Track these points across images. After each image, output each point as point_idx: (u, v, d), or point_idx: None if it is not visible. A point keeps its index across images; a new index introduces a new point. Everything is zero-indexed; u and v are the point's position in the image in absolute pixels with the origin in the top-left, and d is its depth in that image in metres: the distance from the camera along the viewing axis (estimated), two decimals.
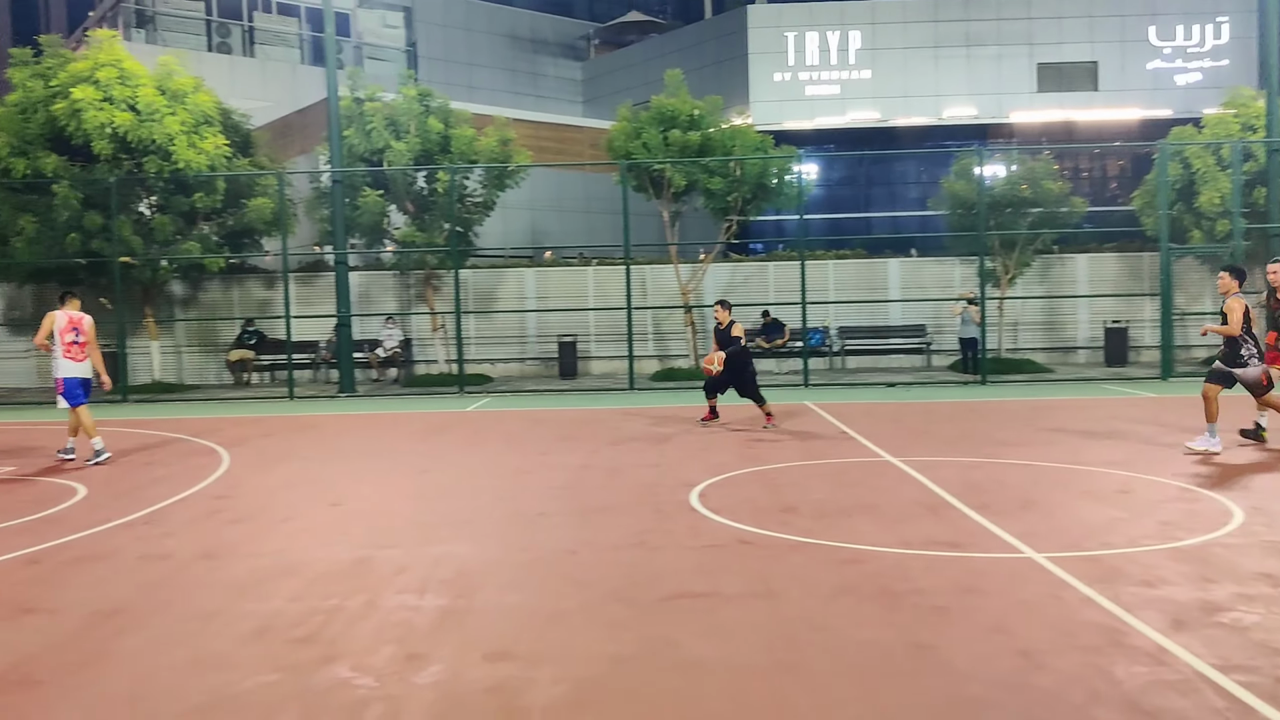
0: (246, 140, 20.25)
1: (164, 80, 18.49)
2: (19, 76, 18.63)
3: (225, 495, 8.64)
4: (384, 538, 6.90)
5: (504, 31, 38.32)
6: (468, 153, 18.77)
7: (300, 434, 12.96)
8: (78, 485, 9.23)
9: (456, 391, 17.99)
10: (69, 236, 18.11)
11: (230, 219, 19.64)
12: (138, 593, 5.71)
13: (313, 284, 20.90)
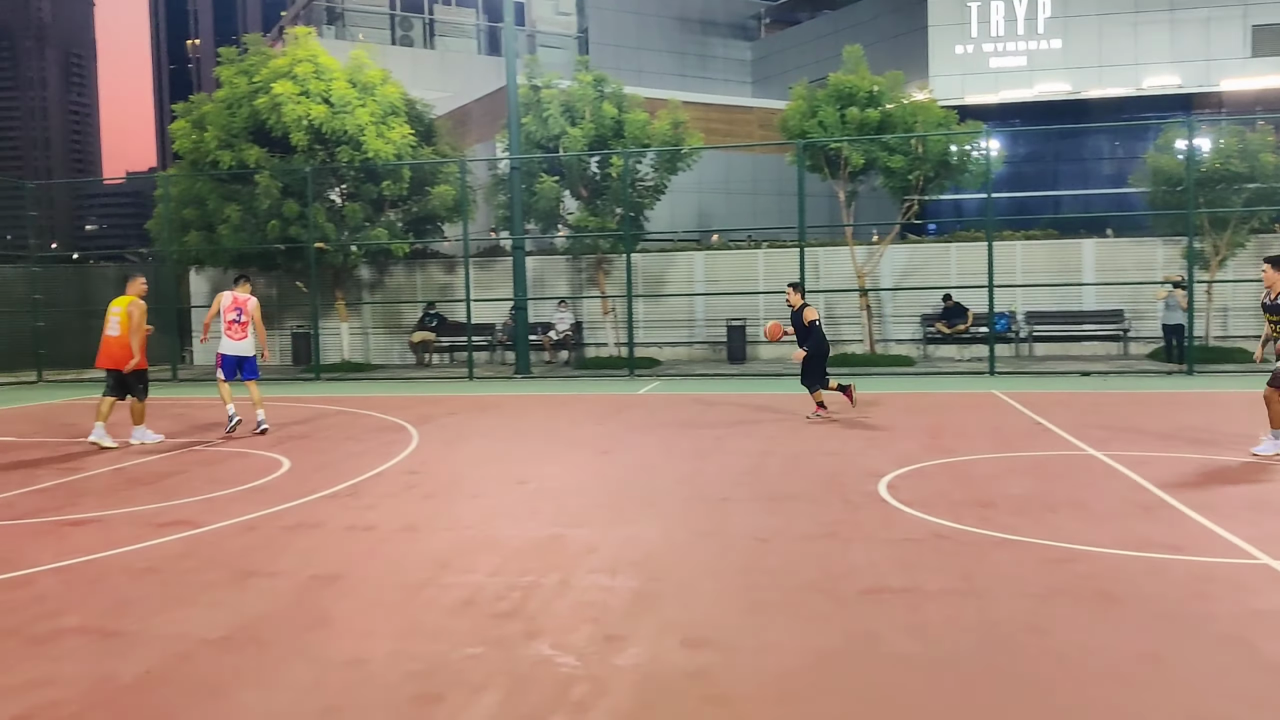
0: (429, 129, 21.03)
1: (355, 73, 19.39)
2: (226, 74, 19.94)
3: (417, 471, 8.96)
4: (572, 517, 6.97)
5: (674, 14, 38.36)
6: (640, 137, 18.86)
7: (482, 413, 13.34)
8: (283, 458, 9.77)
9: (627, 374, 18.15)
10: (269, 224, 19.26)
11: (414, 206, 20.45)
12: (349, 561, 5.97)
13: (490, 268, 21.52)
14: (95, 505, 7.71)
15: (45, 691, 4.05)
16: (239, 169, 19.35)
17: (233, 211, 19.40)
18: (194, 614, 5.01)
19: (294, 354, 22.35)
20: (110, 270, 25.23)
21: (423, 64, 31.24)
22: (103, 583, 5.58)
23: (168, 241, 20.44)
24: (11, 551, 6.30)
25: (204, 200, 19.87)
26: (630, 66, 33.63)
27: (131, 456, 10.16)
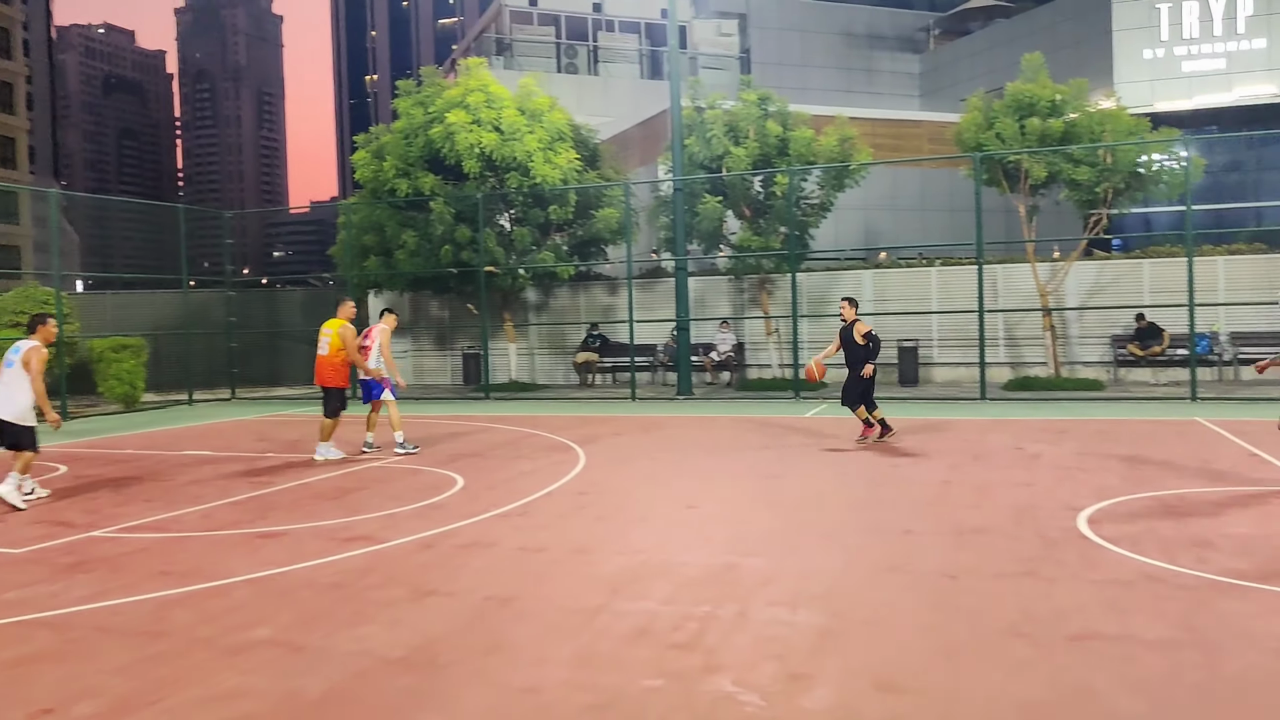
0: (594, 154, 21.33)
1: (524, 101, 19.88)
2: (403, 106, 20.82)
3: (586, 492, 8.93)
4: (745, 545, 6.75)
5: (839, 30, 37.83)
6: (806, 154, 18.52)
7: (646, 434, 13.28)
8: (456, 476, 9.95)
9: (792, 397, 17.77)
10: (443, 249, 19.91)
11: (579, 229, 20.74)
12: (523, 582, 5.94)
13: (652, 289, 21.57)
14: (284, 519, 8.02)
15: (236, 704, 4.14)
16: (415, 196, 20.12)
17: (409, 237, 20.16)
18: (375, 632, 5.06)
19: (464, 374, 23.02)
20: (297, 294, 26.74)
21: (587, 90, 31.87)
22: (291, 596, 5.74)
23: (349, 266, 21.44)
24: (210, 562, 6.59)
25: (383, 227, 20.76)
26: (794, 85, 33.22)
27: (316, 472, 10.58)
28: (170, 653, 4.80)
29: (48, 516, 8.33)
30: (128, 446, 13.37)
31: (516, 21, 33.70)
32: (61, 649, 4.89)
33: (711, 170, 19.21)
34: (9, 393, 8.75)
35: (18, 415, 8.74)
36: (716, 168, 19.13)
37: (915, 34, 39.51)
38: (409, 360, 24.12)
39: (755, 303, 20.58)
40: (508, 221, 20.87)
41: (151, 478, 10.47)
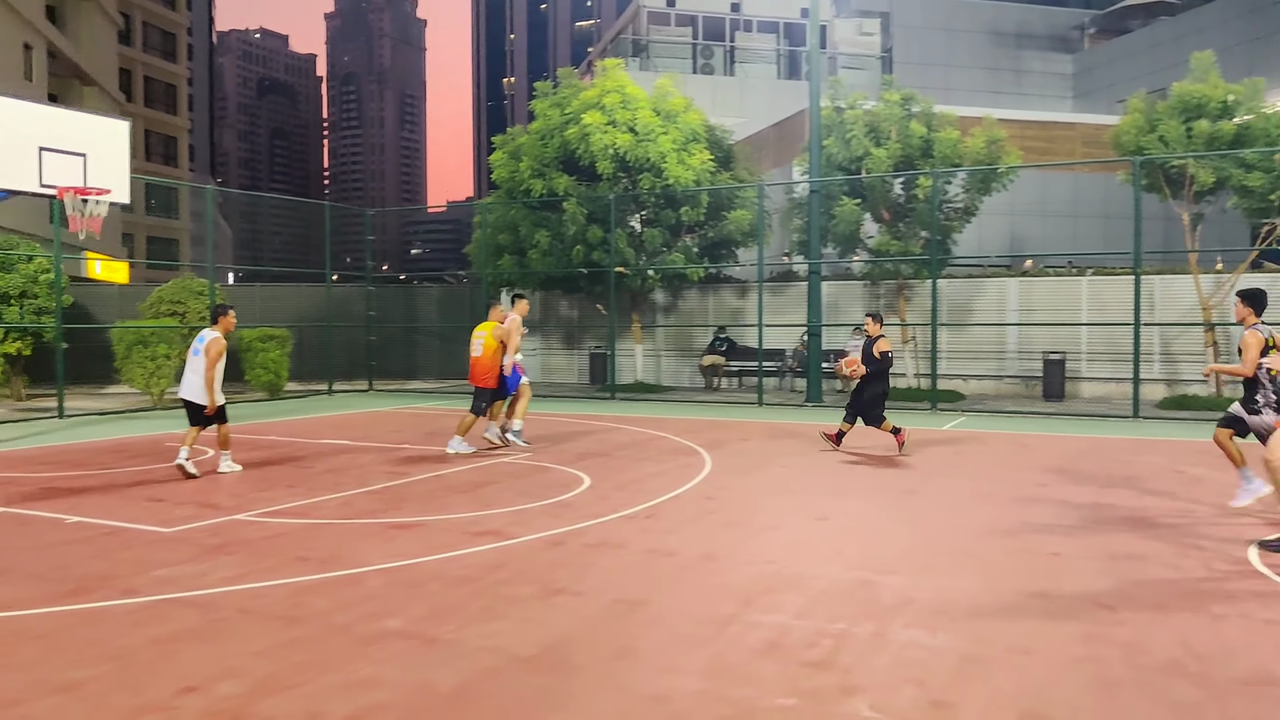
0: (728, 155, 21.16)
1: (659, 102, 19.86)
2: (540, 107, 21.11)
3: (714, 497, 8.78)
4: (881, 561, 6.47)
5: (987, 29, 36.54)
6: (951, 156, 17.90)
7: (774, 441, 13.03)
8: (583, 475, 9.95)
9: (928, 408, 17.18)
10: (575, 249, 20.09)
11: (710, 231, 20.59)
12: (652, 586, 5.83)
13: (782, 293, 21.25)
14: (417, 510, 8.14)
15: (370, 693, 4.16)
16: (549, 197, 20.36)
17: (542, 237, 20.43)
18: (506, 628, 5.04)
19: (590, 373, 23.19)
20: (433, 291, 27.46)
21: (722, 91, 31.71)
22: (422, 588, 5.78)
23: (484, 264, 21.87)
24: (347, 550, 6.72)
25: (517, 226, 21.09)
26: (937, 85, 32.29)
27: (450, 465, 10.75)
28: (307, 638, 4.88)
29: (196, 498, 8.70)
30: (271, 433, 13.92)
31: (654, 22, 33.81)
32: (205, 628, 5.04)
33: (850, 172, 18.77)
34: (191, 375, 9.86)
35: (195, 394, 9.81)
36: (856, 169, 18.68)
37: (1069, 32, 37.77)
38: (538, 358, 24.46)
39: (891, 309, 20.01)
40: (639, 222, 20.90)
41: (293, 464, 10.84)
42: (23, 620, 5.14)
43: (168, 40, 59.11)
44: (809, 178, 18.42)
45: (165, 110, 57.46)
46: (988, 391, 19.54)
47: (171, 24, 59.39)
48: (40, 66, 33.26)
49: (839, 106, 19.12)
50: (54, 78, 36.63)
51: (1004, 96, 34.29)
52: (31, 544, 6.86)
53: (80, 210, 11.60)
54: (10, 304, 18.28)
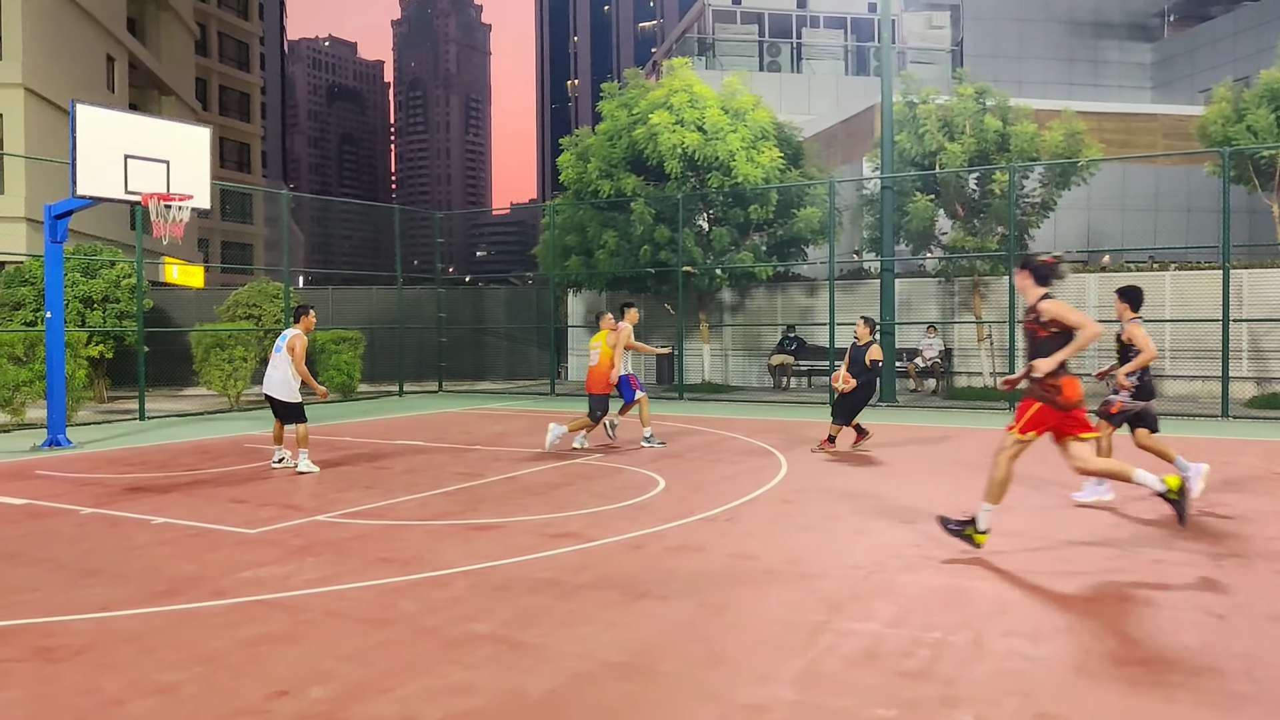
0: (797, 152, 20.92)
1: (727, 100, 19.71)
2: (608, 108, 21.09)
3: (791, 500, 8.62)
4: (972, 566, 6.27)
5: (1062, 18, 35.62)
6: (1028, 150, 17.44)
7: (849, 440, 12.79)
8: (658, 476, 9.86)
9: (1007, 407, 16.75)
10: (642, 249, 20.03)
11: (779, 229, 20.37)
12: (738, 591, 5.71)
13: (853, 291, 20.94)
14: (494, 512, 8.13)
15: (462, 699, 4.11)
16: (617, 197, 20.33)
17: (610, 237, 20.40)
18: (593, 633, 4.97)
19: (658, 373, 23.10)
20: (501, 292, 27.65)
21: (789, 88, 31.40)
22: (507, 590, 5.74)
23: (551, 266, 21.93)
24: (429, 551, 6.72)
25: (584, 227, 21.10)
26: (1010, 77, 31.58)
27: (523, 466, 10.75)
28: (396, 641, 4.86)
29: (278, 499, 8.80)
30: (346, 434, 14.09)
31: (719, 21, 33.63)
32: (294, 631, 5.05)
33: (923, 167, 18.41)
34: (276, 373, 10.38)
35: (283, 392, 10.36)
36: (929, 165, 18.32)
37: (1148, 20, 36.62)
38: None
39: (966, 306, 19.59)
40: (706, 221, 20.77)
41: (370, 465, 10.94)
42: (118, 621, 5.21)
43: (241, 50, 60.51)
44: (881, 174, 18.11)
45: (239, 118, 58.84)
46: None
47: (245, 34, 60.79)
48: (122, 77, 34.27)
49: (911, 101, 18.77)
50: (134, 88, 37.73)
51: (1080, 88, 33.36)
52: (121, 545, 6.98)
53: (164, 216, 11.86)
54: (94, 308, 18.82)
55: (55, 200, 12.64)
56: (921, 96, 18.66)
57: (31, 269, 18.94)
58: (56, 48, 28.04)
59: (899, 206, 18.26)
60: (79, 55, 29.97)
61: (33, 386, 14.85)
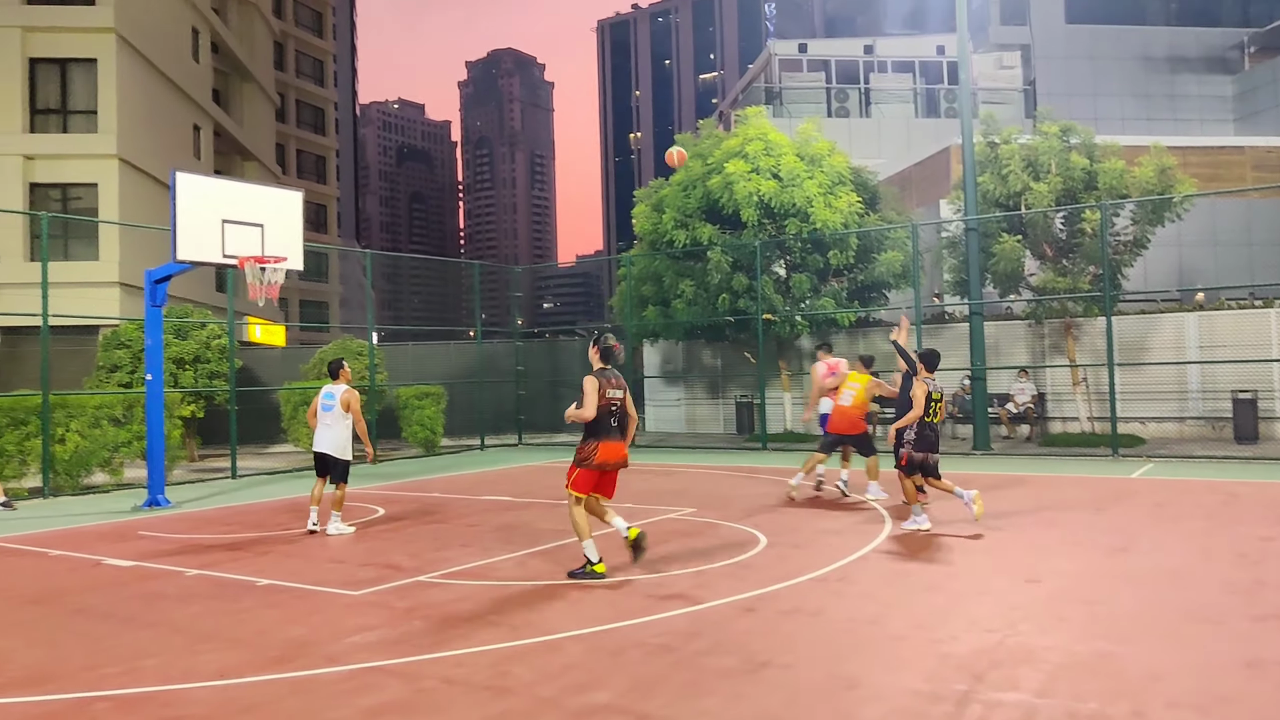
0: (874, 196, 20.68)
1: (802, 147, 19.60)
2: None
3: (904, 556, 8.30)
4: (1113, 629, 5.89)
5: (1135, 54, 34.98)
6: (1118, 187, 16.95)
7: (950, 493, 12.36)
8: (757, 532, 9.59)
9: (1108, 454, 16.11)
10: (720, 297, 19.88)
11: (860, 274, 20.09)
12: (866, 659, 5.43)
13: (936, 335, 20.46)
14: None
15: None
16: (693, 246, 20.27)
17: (686, 286, 20.32)
18: (717, 706, 4.74)
19: (737, 423, 22.81)
20: (575, 344, 27.68)
21: (859, 133, 31.26)
22: (622, 657, 5.54)
23: (628, 316, 21.89)
24: (536, 614, 6.55)
25: (660, 277, 21.06)
26: (1085, 115, 30.89)
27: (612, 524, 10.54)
28: (517, 712, 4.69)
29: (377, 559, 8.73)
30: (434, 490, 14.08)
31: (786, 69, 33.73)
32: (413, 700, 4.91)
33: (1008, 208, 18.01)
34: (331, 431, 10.27)
35: (339, 449, 10.26)
36: (1014, 205, 17.91)
37: (1227, 53, 35.78)
38: (682, 409, 24.24)
39: (1058, 349, 19.00)
40: (784, 268, 20.57)
41: (461, 522, 10.86)
42: (235, 690, 5.12)
43: (317, 115, 62.50)
44: (964, 215, 17.76)
45: (316, 180, 60.57)
46: (1170, 435, 18.22)
47: (321, 100, 62.82)
48: (207, 145, 35.51)
49: (992, 142, 18.43)
50: (219, 155, 39.07)
51: (1158, 123, 32.56)
52: (230, 607, 6.95)
53: (259, 278, 12.08)
54: (186, 368, 19.25)
55: (146, 265, 12.96)
56: (1003, 137, 18.31)
57: (127, 332, 19.48)
58: (147, 119, 29.17)
59: (983, 248, 17.86)
60: (168, 126, 31.15)
61: (131, 447, 15.16)
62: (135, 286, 25.74)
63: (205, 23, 35.59)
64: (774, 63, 34.44)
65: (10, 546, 9.94)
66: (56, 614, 6.90)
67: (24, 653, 5.89)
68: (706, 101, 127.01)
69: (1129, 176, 17.02)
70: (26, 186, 26.33)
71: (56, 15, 26.78)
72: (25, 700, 5.02)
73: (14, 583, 8.06)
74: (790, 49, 34.59)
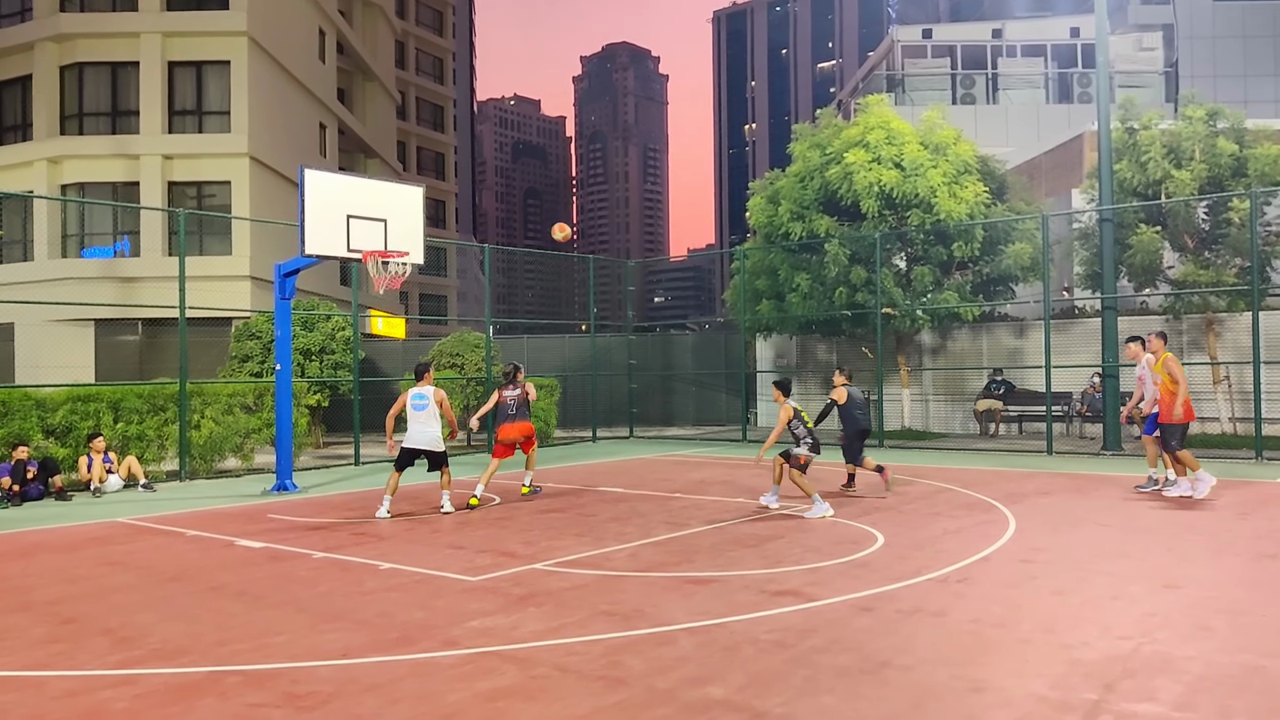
0: (1001, 186, 19.97)
1: (926, 135, 19.05)
2: (799, 149, 20.80)
3: (1030, 560, 7.95)
4: (1262, 640, 5.51)
5: None
6: (1270, 174, 15.91)
7: (1080, 494, 11.86)
8: (875, 530, 9.36)
9: (1252, 458, 15.18)
10: (837, 291, 19.52)
11: (985, 266, 19.43)
12: (990, 662, 5.21)
13: (1065, 331, 19.66)
14: (707, 564, 7.88)
15: None
16: (809, 239, 19.96)
17: (802, 280, 20.01)
18: (837, 705, 4.61)
19: None
20: (688, 338, 27.66)
21: (986, 120, 30.22)
22: (736, 652, 5.46)
23: (741, 310, 21.71)
24: (649, 605, 6.53)
25: (775, 270, 20.80)
26: (1233, 98, 29.18)
27: (729, 516, 10.47)
28: (632, 703, 4.66)
29: (494, 546, 8.87)
30: (548, 480, 14.23)
31: (909, 56, 32.87)
32: (528, 686, 4.94)
33: (1146, 197, 17.12)
34: (425, 428, 11.07)
35: (434, 443, 11.09)
36: (1153, 194, 17.02)
37: None
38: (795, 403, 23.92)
39: (1197, 346, 17.99)
40: (904, 261, 20.06)
41: (576, 512, 10.94)
42: (357, 669, 5.25)
43: (437, 113, 64.08)
44: (1097, 205, 16.95)
45: (435, 177, 62.12)
46: None
47: (440, 98, 64.37)
48: (332, 143, 36.80)
49: (1131, 127, 17.53)
50: (343, 152, 40.46)
51: None
52: (354, 590, 7.15)
53: (382, 271, 12.42)
54: (311, 359, 19.98)
55: (274, 260, 13.46)
56: (1143, 122, 17.40)
57: (257, 324, 20.33)
58: (276, 119, 30.40)
59: (1119, 240, 17.02)
60: (295, 124, 32.39)
61: (261, 434, 15.82)
62: (264, 280, 26.88)
63: (331, 24, 36.87)
64: (897, 49, 33.60)
65: (151, 526, 10.49)
66: (192, 591, 7.22)
67: (162, 626, 6.18)
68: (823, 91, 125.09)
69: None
70: (165, 185, 27.75)
71: (193, 20, 28.12)
72: (163, 671, 5.25)
73: (154, 560, 8.49)
74: (914, 35, 33.69)
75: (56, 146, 27.72)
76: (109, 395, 14.47)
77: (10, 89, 29.36)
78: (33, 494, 12.58)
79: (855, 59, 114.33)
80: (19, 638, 5.95)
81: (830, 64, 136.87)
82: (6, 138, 29.40)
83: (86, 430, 13.80)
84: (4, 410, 13.25)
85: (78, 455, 13.53)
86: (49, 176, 27.61)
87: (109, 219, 28.16)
